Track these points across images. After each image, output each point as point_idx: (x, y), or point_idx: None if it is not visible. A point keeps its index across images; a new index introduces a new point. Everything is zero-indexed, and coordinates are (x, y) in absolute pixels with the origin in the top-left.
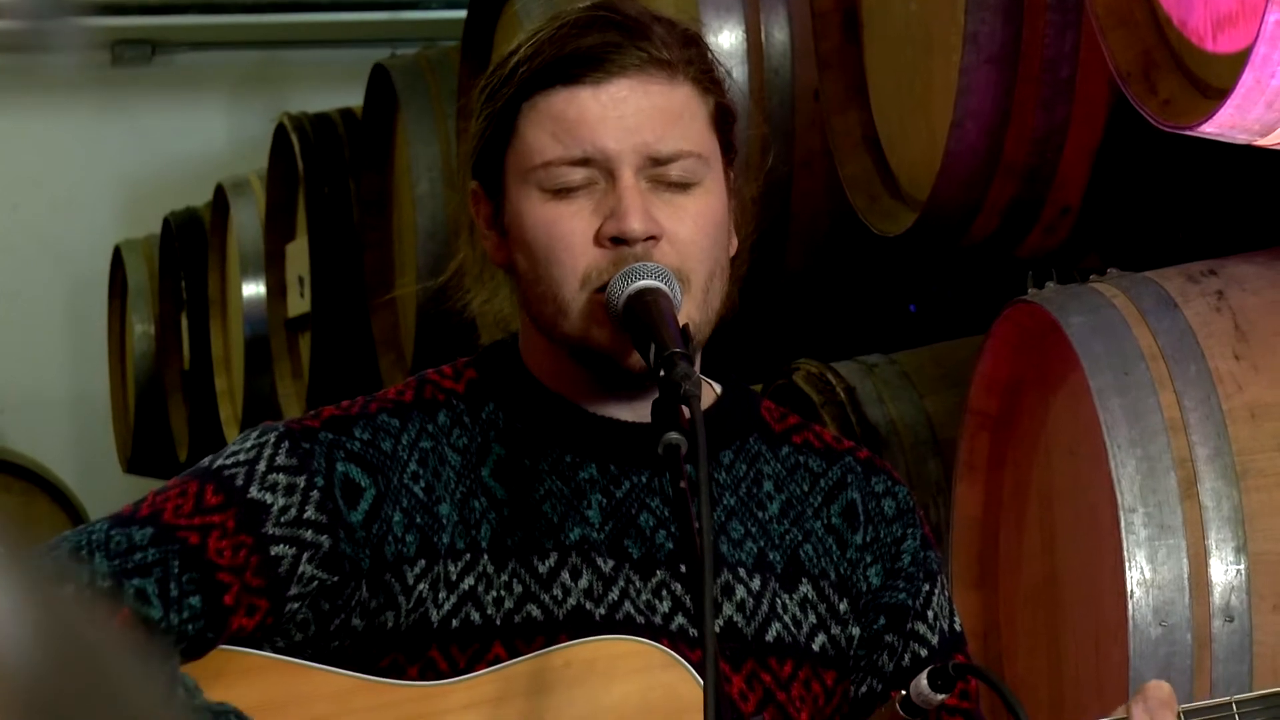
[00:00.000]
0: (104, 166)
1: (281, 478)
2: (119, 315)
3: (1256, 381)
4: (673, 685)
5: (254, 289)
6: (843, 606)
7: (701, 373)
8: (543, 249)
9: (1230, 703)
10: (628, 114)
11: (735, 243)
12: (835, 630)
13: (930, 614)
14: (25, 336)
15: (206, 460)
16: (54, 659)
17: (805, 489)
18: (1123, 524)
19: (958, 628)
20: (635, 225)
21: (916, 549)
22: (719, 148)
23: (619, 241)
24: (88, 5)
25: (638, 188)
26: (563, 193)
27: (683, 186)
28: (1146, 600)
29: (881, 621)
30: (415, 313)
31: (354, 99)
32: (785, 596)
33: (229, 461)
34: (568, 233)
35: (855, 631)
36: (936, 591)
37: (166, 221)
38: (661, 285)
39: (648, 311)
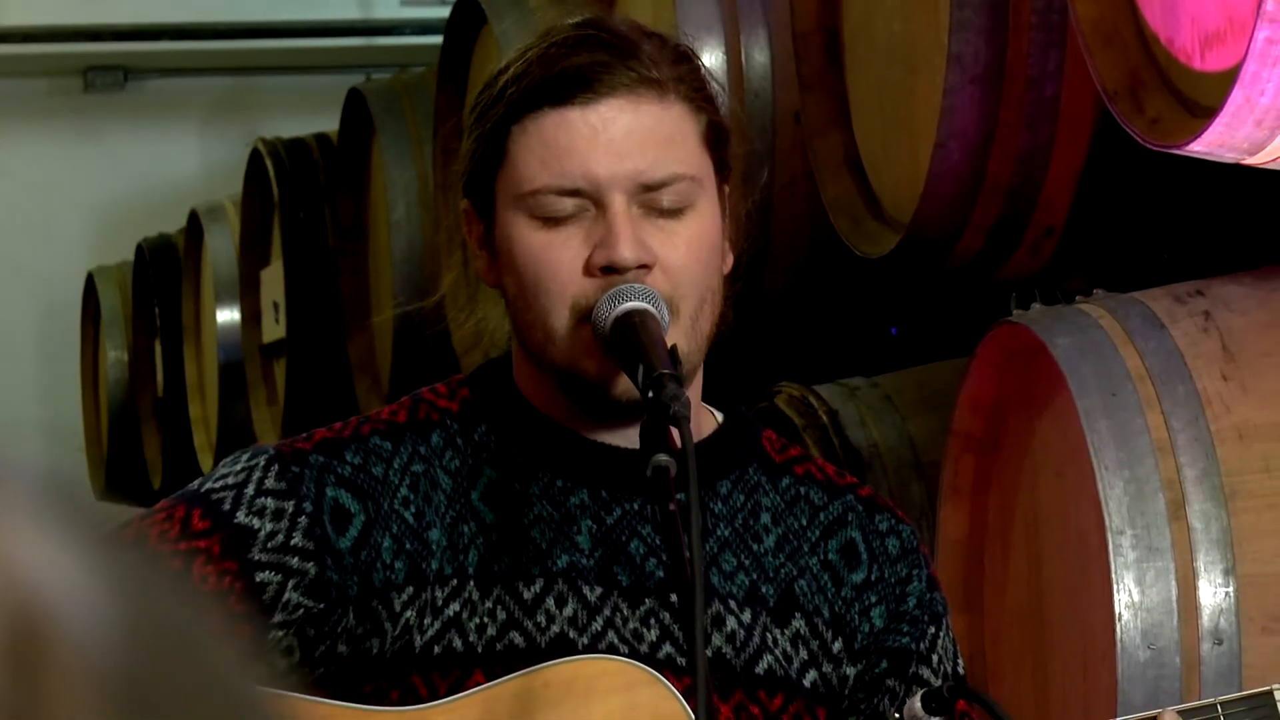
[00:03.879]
0: (77, 193)
1: (270, 502)
2: (92, 342)
3: (1245, 402)
4: (655, 703)
5: (228, 315)
6: (836, 646)
7: (703, 400)
8: (531, 276)
9: (1215, 704)
10: (617, 137)
11: (730, 259)
12: (827, 668)
13: (935, 658)
14: None
15: (195, 483)
16: (143, 640)
17: (804, 523)
18: (1110, 546)
19: (961, 670)
20: (626, 254)
21: (922, 591)
22: (712, 166)
23: (609, 270)
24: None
25: (628, 215)
26: (552, 220)
27: (674, 211)
28: (1135, 623)
29: (884, 665)
30: (391, 338)
31: (329, 124)
32: (777, 631)
33: (217, 485)
34: (556, 261)
35: (849, 671)
36: (941, 634)
37: (140, 248)
38: (649, 306)
39: (635, 333)
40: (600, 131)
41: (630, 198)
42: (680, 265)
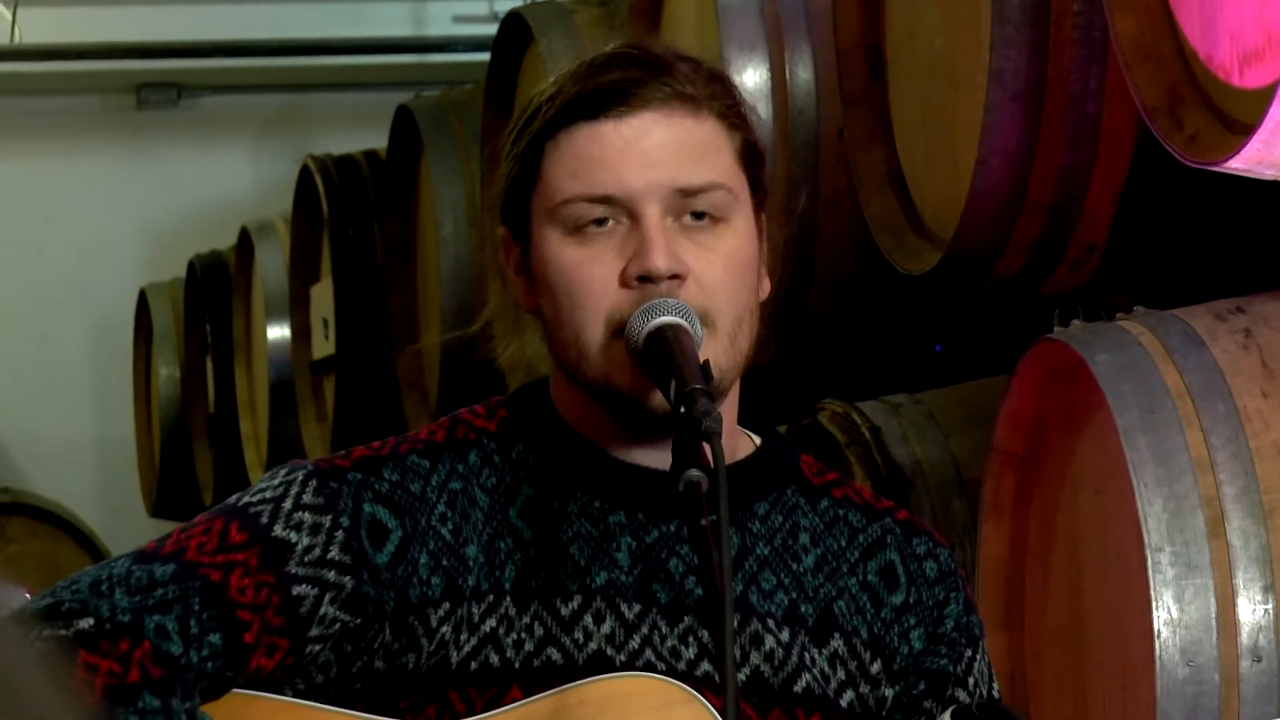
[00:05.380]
0: (129, 210)
1: (307, 516)
2: (144, 359)
3: None
4: None
5: (279, 332)
6: (875, 667)
7: (740, 424)
8: (566, 292)
9: None
10: (651, 148)
11: (768, 286)
12: (865, 689)
13: (971, 680)
14: (51, 380)
15: (234, 497)
16: None
17: (843, 544)
18: (1150, 563)
19: (996, 693)
20: (660, 263)
21: (959, 613)
22: (747, 185)
23: (645, 280)
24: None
25: (662, 225)
26: (586, 234)
27: (710, 223)
28: (1174, 640)
29: (921, 687)
30: (440, 354)
31: (378, 141)
32: (815, 650)
33: (255, 499)
34: (589, 278)
35: (887, 693)
36: (978, 657)
37: (191, 265)
38: (682, 321)
39: (668, 348)
40: (633, 143)
41: (664, 209)
42: (715, 279)
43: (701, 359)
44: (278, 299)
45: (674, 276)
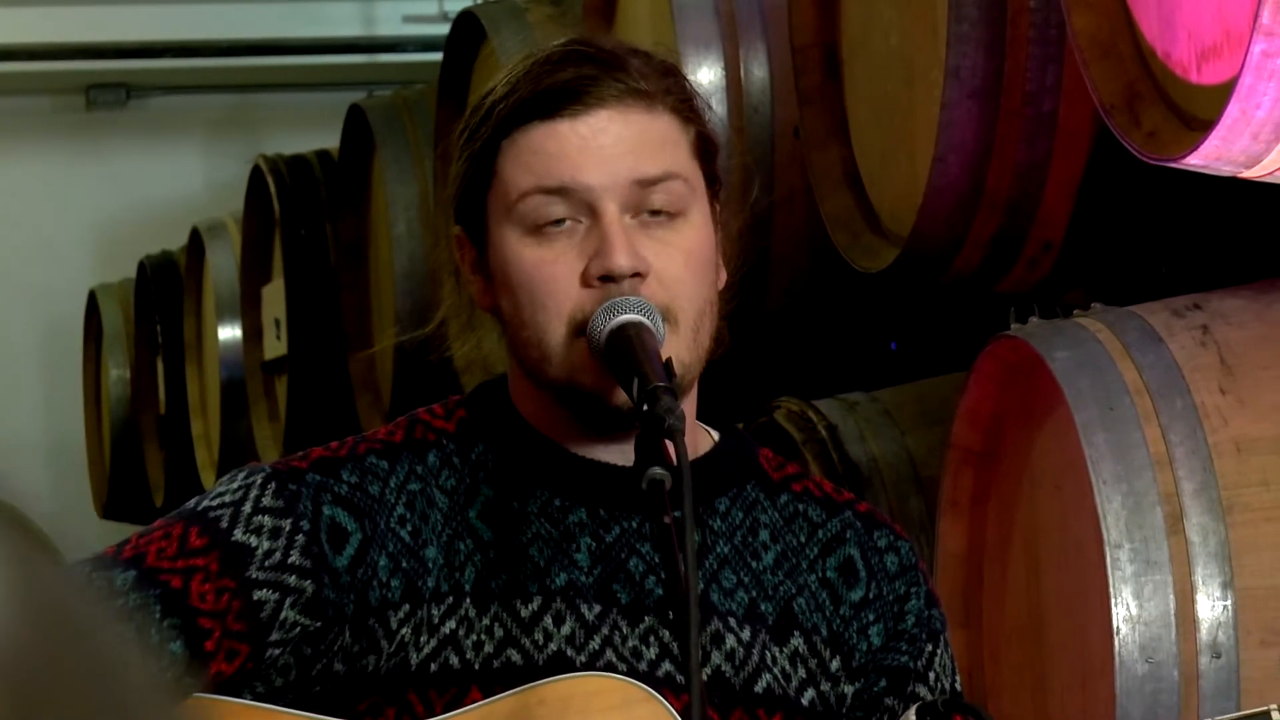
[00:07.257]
0: (79, 210)
1: (267, 520)
2: (94, 360)
3: (1242, 415)
4: None
5: (230, 332)
6: (834, 664)
7: (698, 419)
8: (527, 293)
9: None
10: (608, 144)
11: (724, 276)
12: (825, 687)
13: (932, 675)
14: (0, 381)
15: (193, 501)
16: (38, 635)
17: (802, 540)
18: (1108, 560)
19: (959, 687)
20: (621, 261)
21: (920, 608)
22: (703, 178)
23: (606, 279)
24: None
25: (621, 223)
26: (545, 233)
27: (668, 218)
28: (1133, 636)
29: (882, 684)
30: (392, 354)
31: (330, 141)
32: (776, 649)
33: (214, 503)
34: (550, 278)
35: (847, 690)
36: (940, 651)
37: (142, 265)
38: (644, 319)
39: (629, 346)
40: (589, 140)
41: (623, 206)
42: (675, 275)
43: (664, 356)
44: (229, 299)
45: (636, 274)
